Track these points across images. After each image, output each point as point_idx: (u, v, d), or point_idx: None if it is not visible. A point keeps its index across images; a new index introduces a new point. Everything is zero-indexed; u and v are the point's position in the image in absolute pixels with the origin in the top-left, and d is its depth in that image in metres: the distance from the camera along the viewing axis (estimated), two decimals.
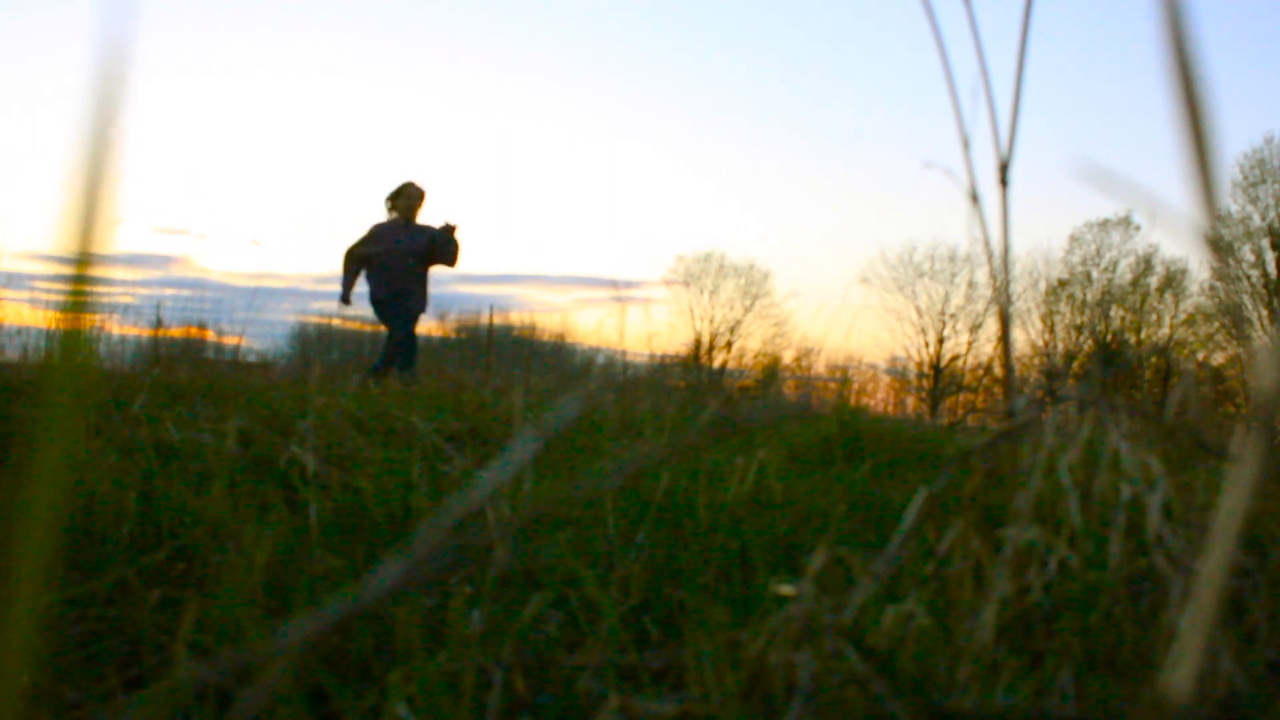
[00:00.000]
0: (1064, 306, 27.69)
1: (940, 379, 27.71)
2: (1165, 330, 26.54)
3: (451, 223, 6.16)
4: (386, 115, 41.70)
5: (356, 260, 6.28)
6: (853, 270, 30.96)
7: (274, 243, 39.25)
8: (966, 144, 0.75)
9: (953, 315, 28.25)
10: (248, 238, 37.71)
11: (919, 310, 28.57)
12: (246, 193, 41.22)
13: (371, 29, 40.47)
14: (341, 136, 41.62)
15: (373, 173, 41.79)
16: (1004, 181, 0.76)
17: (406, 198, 6.30)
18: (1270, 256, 23.55)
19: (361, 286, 6.35)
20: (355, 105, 41.33)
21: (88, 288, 0.25)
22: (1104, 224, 27.22)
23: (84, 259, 0.25)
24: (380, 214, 6.36)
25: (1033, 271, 27.79)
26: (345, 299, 6.35)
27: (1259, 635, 0.72)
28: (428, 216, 6.43)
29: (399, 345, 6.06)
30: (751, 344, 28.77)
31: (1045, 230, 45.12)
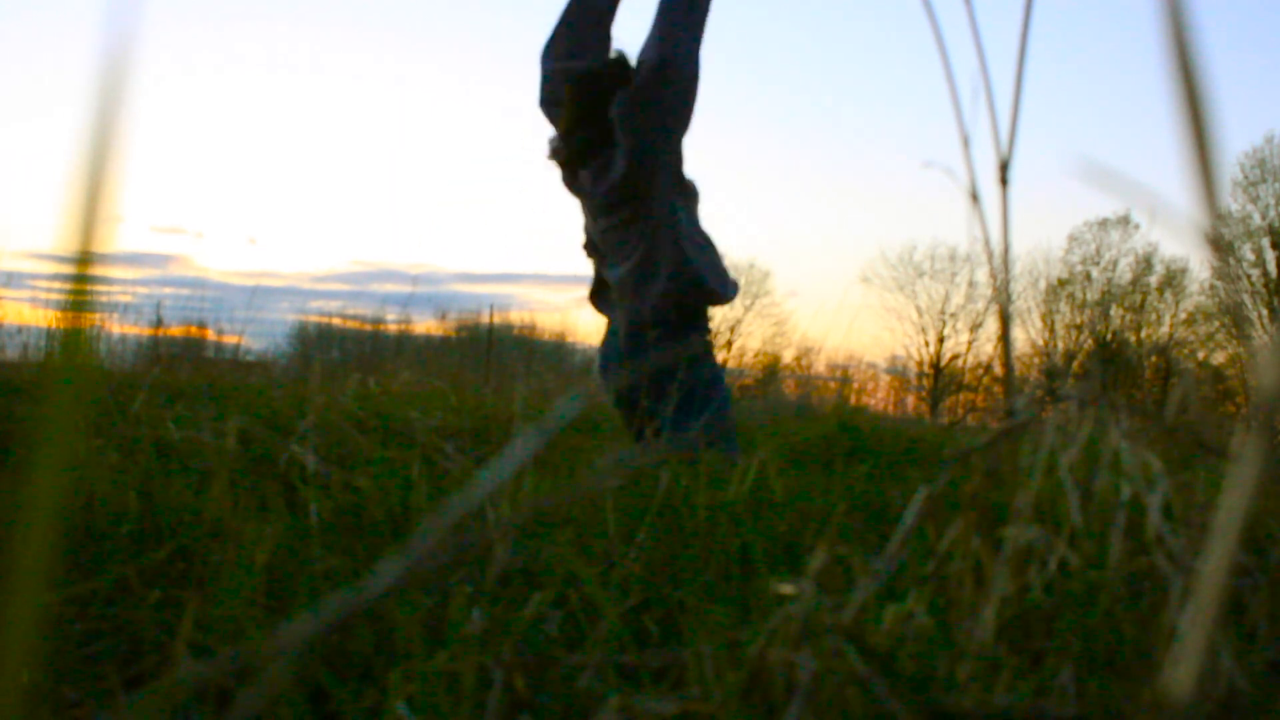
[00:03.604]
0: (1064, 306, 27.70)
1: (940, 378, 27.71)
2: (1165, 330, 26.54)
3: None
4: (384, 113, 41.71)
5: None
6: (853, 270, 30.97)
7: (271, 241, 39.26)
8: (966, 143, 0.75)
9: (953, 314, 28.26)
10: (245, 236, 37.72)
11: (919, 310, 28.58)
12: (243, 191, 41.24)
13: (369, 27, 40.48)
14: (338, 134, 41.63)
15: (368, 171, 41.76)
16: (1004, 181, 0.76)
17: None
18: (1271, 256, 23.55)
19: None
20: (352, 103, 41.33)
21: (88, 287, 0.25)
22: (1103, 223, 27.22)
23: (85, 258, 0.24)
24: None
25: (1033, 271, 27.81)
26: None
27: (1259, 635, 0.72)
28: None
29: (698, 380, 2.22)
30: (751, 343, 28.76)
31: (1045, 230, 45.16)
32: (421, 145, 39.93)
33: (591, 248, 2.51)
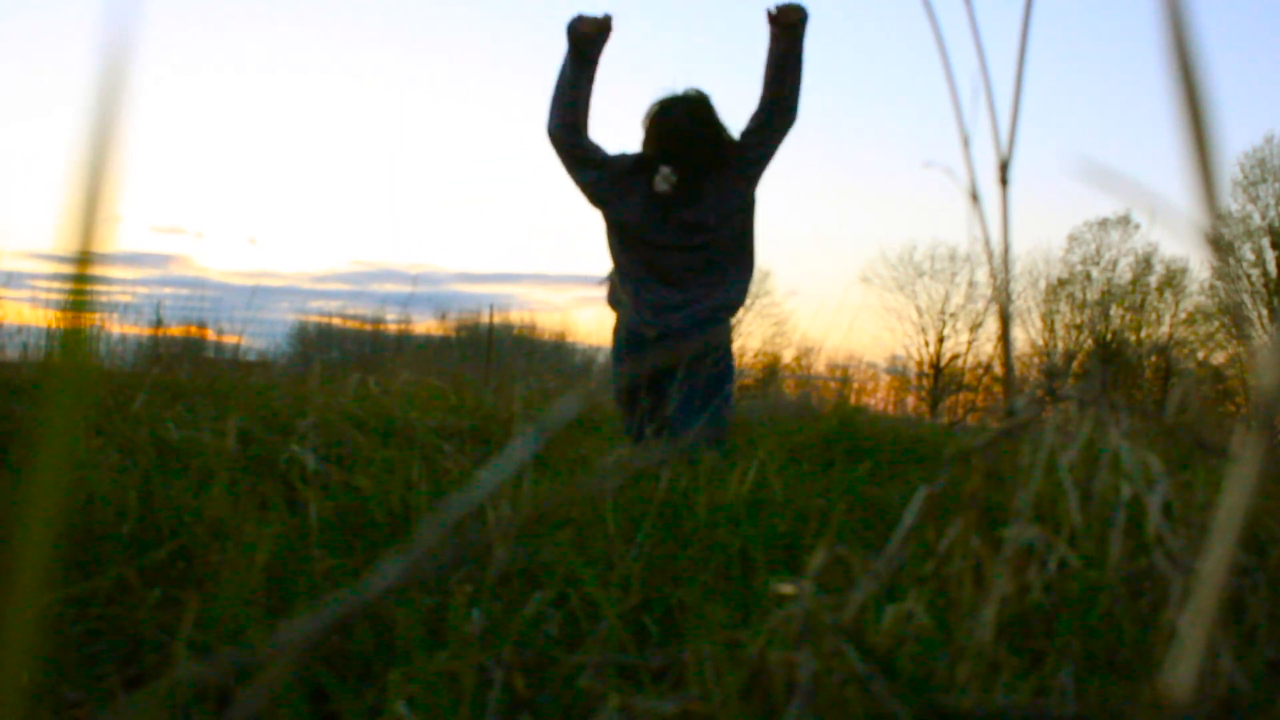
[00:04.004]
0: (1064, 306, 27.70)
1: (940, 378, 27.71)
2: (1165, 329, 26.54)
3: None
4: (384, 113, 41.71)
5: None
6: (853, 270, 30.96)
7: (271, 241, 39.24)
8: (966, 143, 0.75)
9: (953, 314, 28.25)
10: (245, 236, 37.69)
11: (919, 309, 28.57)
12: (243, 191, 41.23)
13: (369, 27, 40.48)
14: (338, 134, 41.63)
15: (368, 171, 41.77)
16: (1004, 180, 0.76)
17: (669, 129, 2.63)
18: (1271, 255, 23.55)
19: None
20: (352, 103, 41.33)
21: (89, 286, 0.25)
22: (1103, 223, 27.22)
23: (85, 258, 0.24)
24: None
25: (1033, 271, 27.82)
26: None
27: (1259, 635, 0.72)
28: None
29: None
30: (751, 343, 28.74)
31: (1045, 229, 45.15)
32: (421, 145, 39.91)
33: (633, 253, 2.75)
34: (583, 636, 0.79)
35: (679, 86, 2.70)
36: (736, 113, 2.69)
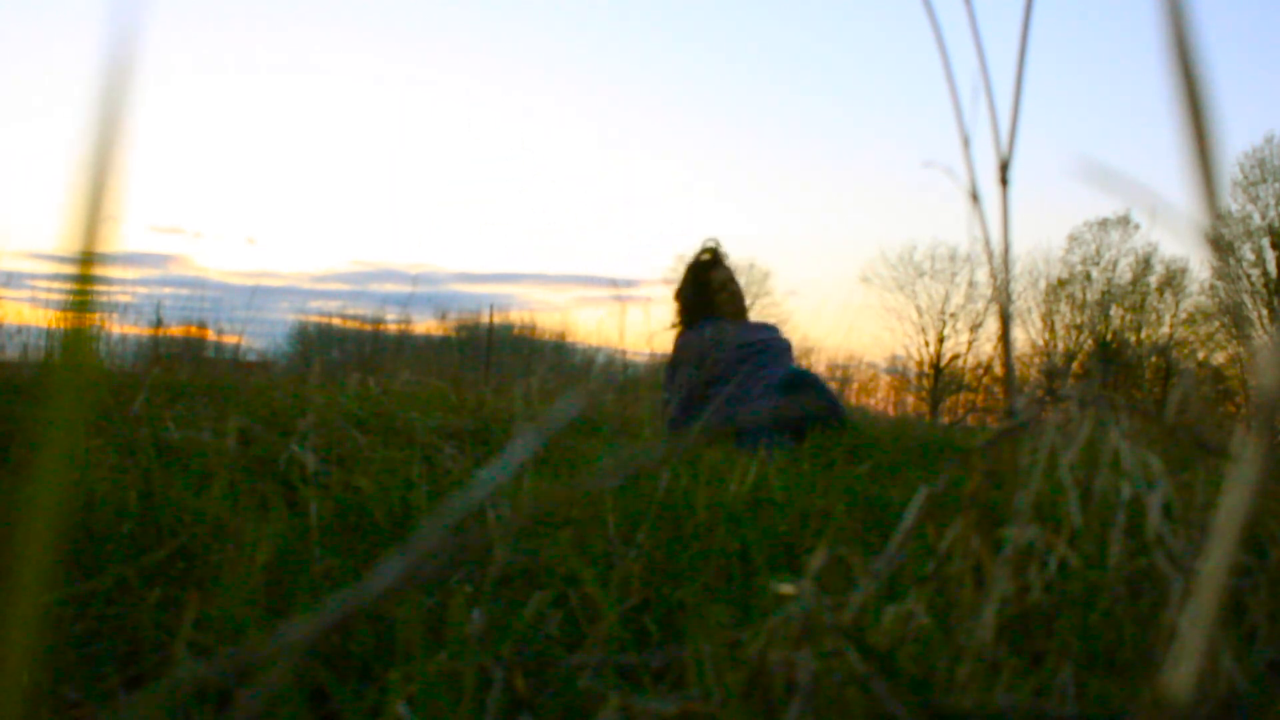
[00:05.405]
0: (1064, 306, 27.70)
1: (940, 378, 27.70)
2: (1165, 330, 26.54)
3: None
4: (384, 113, 41.69)
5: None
6: (853, 270, 30.98)
7: (271, 241, 39.22)
8: (966, 143, 0.75)
9: (953, 314, 28.25)
10: (244, 236, 37.67)
11: (919, 309, 28.57)
12: (243, 191, 41.22)
13: (370, 27, 40.47)
14: (338, 134, 41.61)
15: (368, 171, 41.74)
16: (1004, 181, 0.76)
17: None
18: (1271, 255, 23.55)
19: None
20: (352, 103, 41.32)
21: (90, 286, 0.25)
22: (1103, 223, 27.23)
23: (87, 258, 0.24)
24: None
25: (1033, 271, 27.83)
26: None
27: (1259, 635, 0.72)
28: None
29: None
30: None
31: (1045, 230, 45.16)
32: (421, 145, 39.90)
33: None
34: (583, 636, 0.79)
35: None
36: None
